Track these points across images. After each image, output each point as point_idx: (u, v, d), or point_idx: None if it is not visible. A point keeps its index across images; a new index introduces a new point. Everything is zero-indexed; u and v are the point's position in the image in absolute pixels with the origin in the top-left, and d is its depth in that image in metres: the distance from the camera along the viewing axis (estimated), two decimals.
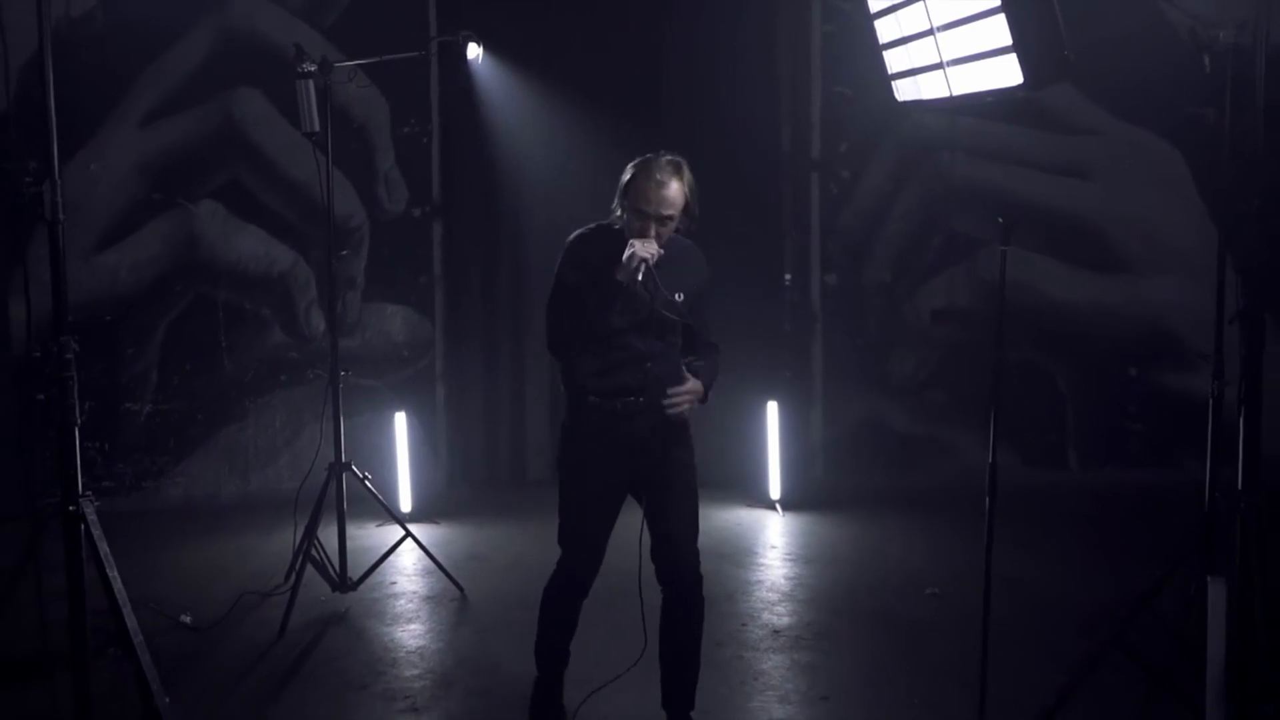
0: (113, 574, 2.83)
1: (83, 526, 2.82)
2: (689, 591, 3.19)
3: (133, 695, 2.97)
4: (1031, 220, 6.21)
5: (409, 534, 4.71)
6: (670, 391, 3.07)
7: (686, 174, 3.09)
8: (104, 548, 2.84)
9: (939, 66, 2.94)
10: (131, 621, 2.83)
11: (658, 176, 3.01)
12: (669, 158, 3.08)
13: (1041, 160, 6.23)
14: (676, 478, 3.17)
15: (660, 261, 3.06)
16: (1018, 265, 6.20)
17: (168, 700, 2.83)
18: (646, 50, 6.08)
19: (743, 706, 3.57)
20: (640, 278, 3.00)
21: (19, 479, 5.88)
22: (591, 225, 3.21)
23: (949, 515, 5.48)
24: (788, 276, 6.37)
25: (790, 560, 5.07)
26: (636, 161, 3.10)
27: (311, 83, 4.34)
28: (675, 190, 3.03)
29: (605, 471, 3.14)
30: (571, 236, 3.21)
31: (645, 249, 2.99)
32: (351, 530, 4.61)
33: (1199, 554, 3.08)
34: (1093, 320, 6.28)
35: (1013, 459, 6.30)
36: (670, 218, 3.05)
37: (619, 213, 3.12)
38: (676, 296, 3.12)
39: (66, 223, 2.97)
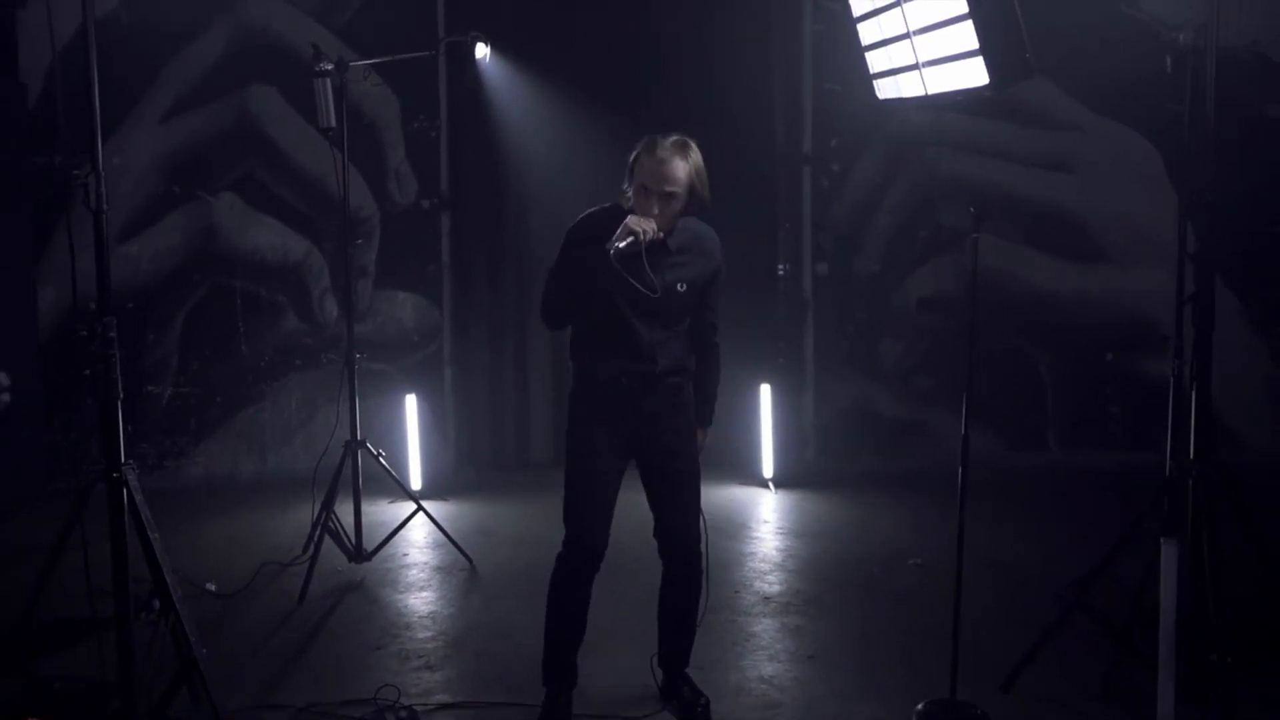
0: (154, 534, 3.03)
1: (125, 491, 3.01)
2: (688, 568, 3.34)
3: (169, 650, 3.19)
4: (1015, 212, 6.41)
5: (420, 508, 4.91)
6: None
7: (694, 154, 3.08)
8: (145, 511, 3.04)
9: (915, 67, 3.14)
10: (171, 577, 3.03)
11: (659, 154, 3.02)
12: (676, 137, 3.07)
13: (1024, 155, 6.41)
14: (679, 462, 3.25)
15: (669, 248, 3.10)
16: (1002, 255, 6.45)
17: (204, 650, 3.03)
18: (646, 49, 6.22)
19: (735, 665, 3.77)
20: (624, 248, 2.96)
21: (44, 459, 6.10)
22: (606, 204, 3.21)
23: (934, 494, 5.64)
24: (782, 268, 6.54)
25: (782, 534, 5.28)
26: (644, 140, 3.11)
27: (329, 81, 4.51)
28: (678, 167, 3.03)
29: (609, 445, 3.17)
30: (583, 213, 3.22)
31: (639, 224, 2.99)
32: (365, 506, 4.80)
33: (1157, 520, 3.28)
34: (1073, 308, 6.47)
35: (996, 441, 6.51)
36: (673, 195, 3.04)
37: (629, 192, 3.11)
38: (679, 286, 3.14)
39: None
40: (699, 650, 3.68)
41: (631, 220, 3.01)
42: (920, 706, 3.31)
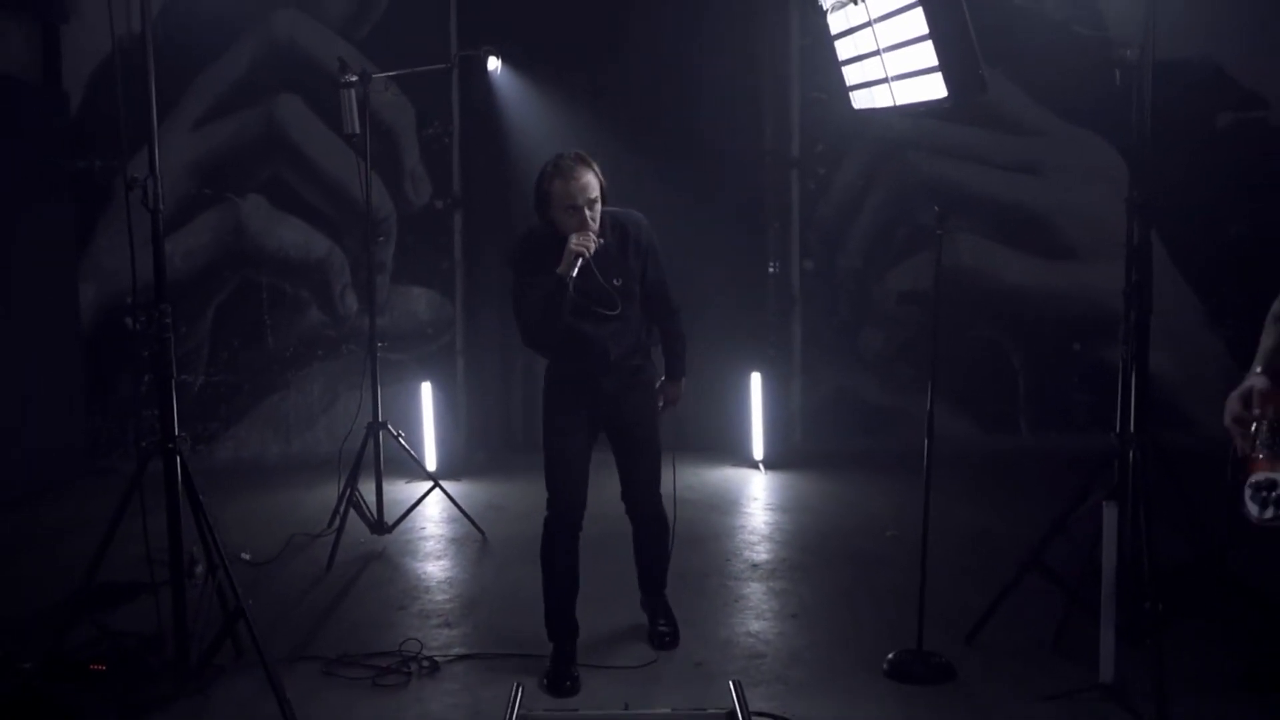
0: (203, 498, 3.29)
1: (179, 460, 3.26)
2: (651, 522, 3.69)
3: (214, 610, 3.44)
4: (988, 213, 6.66)
5: (437, 484, 5.16)
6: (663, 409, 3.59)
7: (593, 162, 3.29)
8: (196, 481, 3.30)
9: (885, 81, 3.38)
10: (219, 536, 3.29)
11: (572, 174, 3.23)
12: (573, 154, 3.28)
13: (996, 158, 6.66)
14: (641, 433, 3.57)
15: (600, 251, 3.28)
16: (976, 253, 6.71)
17: (250, 602, 3.29)
18: (644, 60, 6.46)
19: (725, 622, 4.02)
20: (576, 272, 3.18)
21: (85, 441, 6.36)
22: (524, 230, 3.45)
23: (911, 473, 5.76)
24: (773, 266, 6.78)
25: (770, 509, 5.54)
26: (545, 171, 3.29)
27: (353, 91, 4.75)
28: (590, 178, 3.24)
29: (577, 423, 3.48)
30: (516, 242, 3.45)
31: (582, 242, 3.19)
32: (384, 485, 5.03)
33: (1104, 487, 3.53)
34: (1042, 302, 6.73)
35: (970, 426, 6.77)
36: (594, 200, 3.24)
37: (551, 214, 3.30)
38: (615, 282, 3.33)
39: (132, 211, 3.35)
40: (692, 609, 3.96)
41: (573, 242, 3.21)
42: (891, 655, 3.56)
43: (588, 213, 3.25)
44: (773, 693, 3.38)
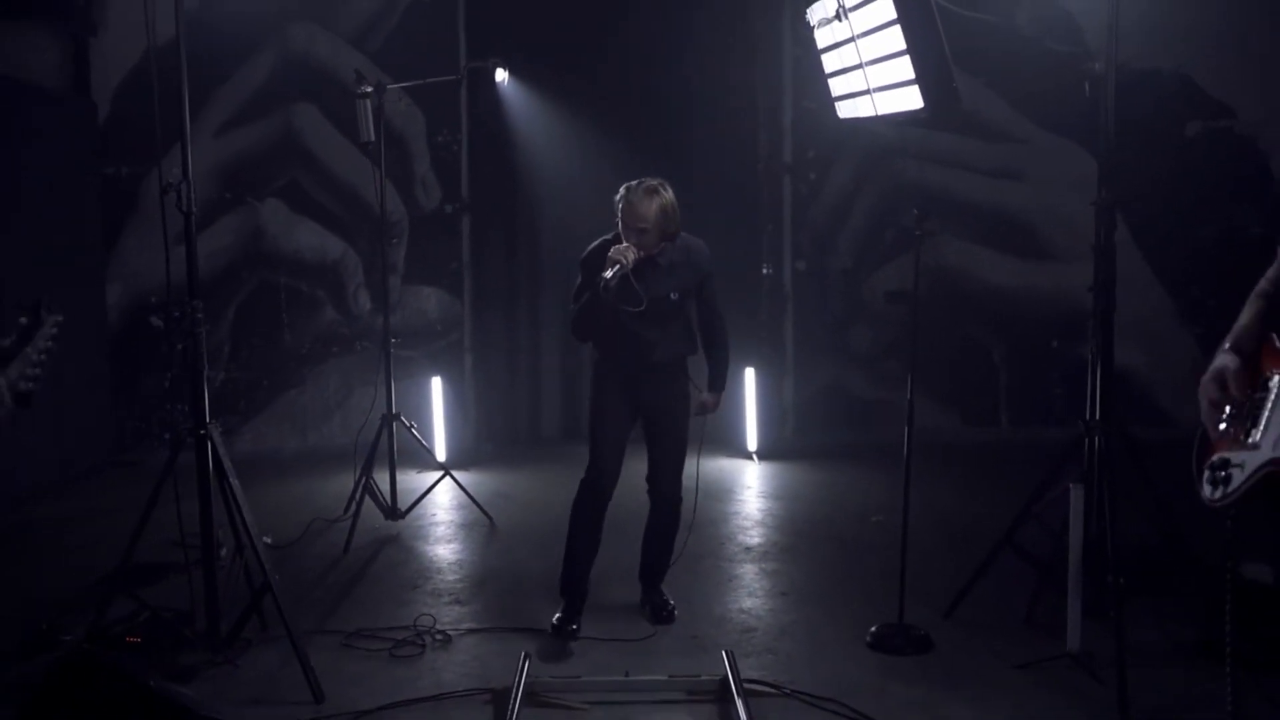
0: (233, 480, 3.46)
1: (210, 445, 3.44)
2: (667, 505, 3.93)
3: (241, 589, 3.62)
4: (971, 216, 6.84)
5: (448, 473, 5.34)
6: (703, 409, 3.89)
7: (662, 195, 3.62)
8: (226, 462, 3.47)
9: (867, 92, 3.55)
10: (249, 516, 3.46)
11: (632, 199, 3.60)
12: (650, 183, 3.63)
13: (979, 164, 6.84)
14: (670, 427, 3.85)
15: (660, 265, 3.66)
16: (960, 255, 6.89)
17: (277, 577, 3.46)
18: (644, 72, 6.63)
19: (719, 600, 4.20)
20: (610, 278, 3.48)
21: (112, 433, 6.53)
22: (608, 235, 3.74)
23: (898, 464, 5.97)
24: (766, 268, 6.95)
25: (762, 497, 5.72)
26: (621, 191, 3.66)
27: (369, 101, 4.92)
28: (648, 208, 3.59)
29: (618, 403, 3.82)
30: (591, 245, 3.77)
31: (620, 254, 3.52)
32: (397, 474, 5.20)
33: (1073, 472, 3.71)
34: (1023, 301, 6.90)
35: (953, 419, 6.95)
36: (644, 229, 3.59)
37: (614, 234, 3.68)
38: (671, 295, 3.71)
39: (156, 216, 3.54)
40: (687, 589, 4.14)
41: (613, 252, 3.56)
42: (874, 629, 3.74)
43: (635, 237, 3.60)
44: (763, 663, 3.56)
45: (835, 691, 3.28)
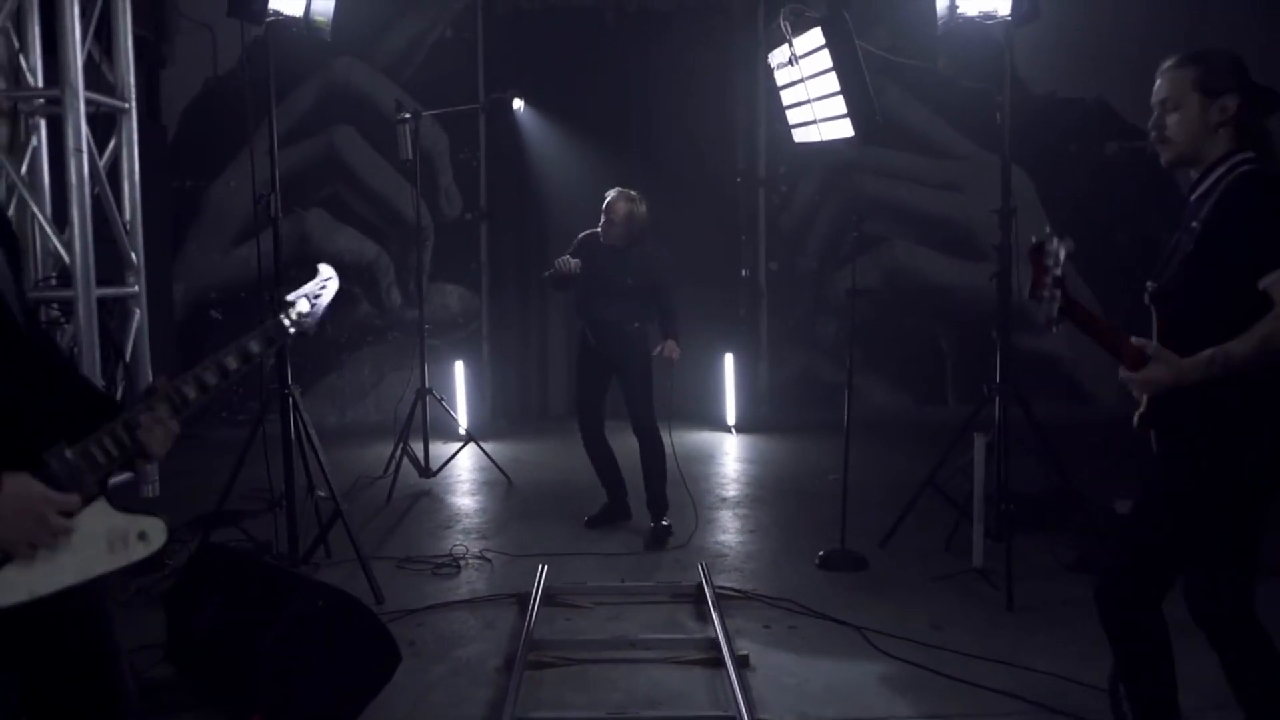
0: (311, 432, 4.15)
1: (293, 401, 4.13)
2: (645, 434, 4.75)
3: (313, 519, 4.30)
4: (920, 223, 7.54)
5: (472, 438, 6.04)
6: (667, 356, 4.73)
7: (637, 204, 4.64)
8: (306, 417, 4.16)
9: (814, 122, 4.24)
10: (325, 459, 4.15)
11: (613, 199, 4.66)
12: (630, 194, 4.66)
13: (927, 178, 7.55)
14: (629, 373, 4.77)
15: (621, 255, 4.62)
16: (911, 256, 7.60)
17: (348, 505, 4.15)
18: (638, 101, 7.34)
19: (699, 536, 4.85)
20: (549, 275, 4.64)
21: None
22: (592, 230, 4.71)
23: (857, 437, 6.76)
24: (745, 271, 7.63)
25: (738, 462, 6.42)
26: (615, 189, 4.69)
27: (407, 126, 5.62)
28: (623, 209, 4.63)
29: (593, 363, 4.83)
30: (581, 234, 4.74)
31: (561, 264, 4.57)
32: (429, 439, 5.90)
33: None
34: (966, 297, 7.58)
35: (906, 399, 7.64)
36: (613, 223, 4.63)
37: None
38: (628, 280, 4.65)
39: (215, 223, 4.21)
40: (676, 526, 4.81)
41: (559, 262, 4.61)
42: (821, 552, 4.44)
43: (606, 226, 4.68)
44: (731, 578, 4.24)
45: (789, 595, 3.97)
